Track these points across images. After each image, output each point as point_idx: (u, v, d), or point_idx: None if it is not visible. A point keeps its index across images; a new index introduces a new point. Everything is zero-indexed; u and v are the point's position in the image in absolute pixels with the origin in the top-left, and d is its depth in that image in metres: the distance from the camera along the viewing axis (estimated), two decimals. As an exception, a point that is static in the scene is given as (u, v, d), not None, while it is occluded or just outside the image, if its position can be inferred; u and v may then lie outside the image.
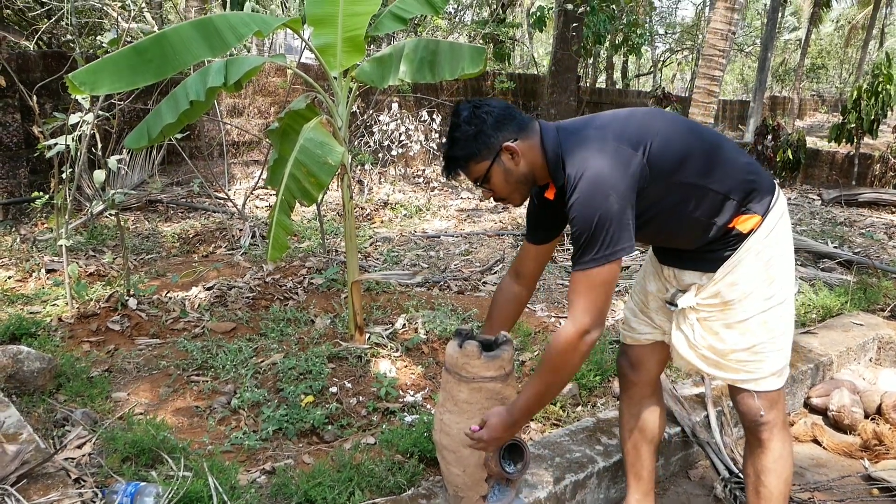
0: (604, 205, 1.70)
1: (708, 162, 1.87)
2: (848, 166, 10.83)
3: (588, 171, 1.73)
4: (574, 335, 1.75)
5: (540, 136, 1.89)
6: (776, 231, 1.93)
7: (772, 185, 1.96)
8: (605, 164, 1.73)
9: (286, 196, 2.98)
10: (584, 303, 1.75)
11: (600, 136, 1.81)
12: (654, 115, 1.92)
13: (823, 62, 31.70)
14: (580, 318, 1.75)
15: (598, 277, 1.74)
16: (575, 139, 1.84)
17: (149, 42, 2.70)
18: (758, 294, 1.92)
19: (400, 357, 3.64)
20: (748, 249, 1.90)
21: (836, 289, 4.70)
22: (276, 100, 9.21)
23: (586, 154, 1.77)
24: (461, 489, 2.10)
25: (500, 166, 1.87)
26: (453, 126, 1.87)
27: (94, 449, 2.54)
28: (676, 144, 1.84)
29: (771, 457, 2.02)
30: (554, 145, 1.86)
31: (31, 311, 4.08)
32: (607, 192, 1.70)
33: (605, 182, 1.71)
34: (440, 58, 3.42)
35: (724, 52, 7.53)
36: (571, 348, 1.76)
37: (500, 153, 1.85)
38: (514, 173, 1.88)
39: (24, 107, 6.50)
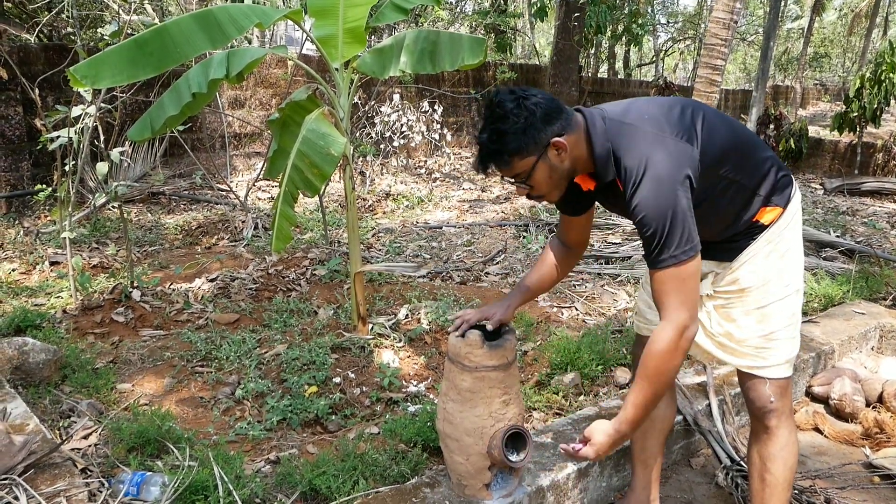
0: (674, 200, 1.66)
1: (742, 157, 1.86)
2: (850, 155, 10.81)
3: (653, 168, 1.68)
4: (675, 335, 1.70)
5: (585, 127, 1.80)
6: (794, 222, 1.96)
7: (790, 178, 1.97)
8: (669, 159, 1.69)
9: (289, 187, 2.99)
10: (677, 300, 1.71)
11: (656, 129, 1.75)
12: (695, 106, 1.86)
13: (826, 51, 31.52)
14: (677, 317, 1.70)
15: (685, 272, 1.70)
16: (627, 132, 1.76)
17: (149, 35, 2.70)
18: (776, 282, 1.94)
19: (403, 347, 3.65)
20: (768, 240, 1.92)
21: (838, 278, 4.70)
22: (277, 91, 9.20)
23: (646, 148, 1.71)
24: (464, 477, 2.12)
25: (545, 163, 1.76)
26: (497, 117, 1.73)
27: (99, 439, 2.56)
28: (718, 139, 1.81)
29: (778, 444, 2.04)
30: (603, 139, 1.77)
31: (35, 303, 4.10)
32: (675, 186, 1.67)
33: (673, 177, 1.67)
34: (440, 48, 3.41)
35: (726, 41, 7.51)
36: (673, 348, 1.70)
37: (548, 149, 1.75)
38: (558, 170, 1.79)
39: (26, 100, 6.50)
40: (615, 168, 1.76)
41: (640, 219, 1.70)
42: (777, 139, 11.05)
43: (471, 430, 2.05)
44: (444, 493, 2.17)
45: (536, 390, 3.14)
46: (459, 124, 11.99)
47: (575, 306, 4.36)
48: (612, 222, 6.46)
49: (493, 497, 2.13)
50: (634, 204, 1.70)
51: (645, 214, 1.68)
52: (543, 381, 3.23)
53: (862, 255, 5.52)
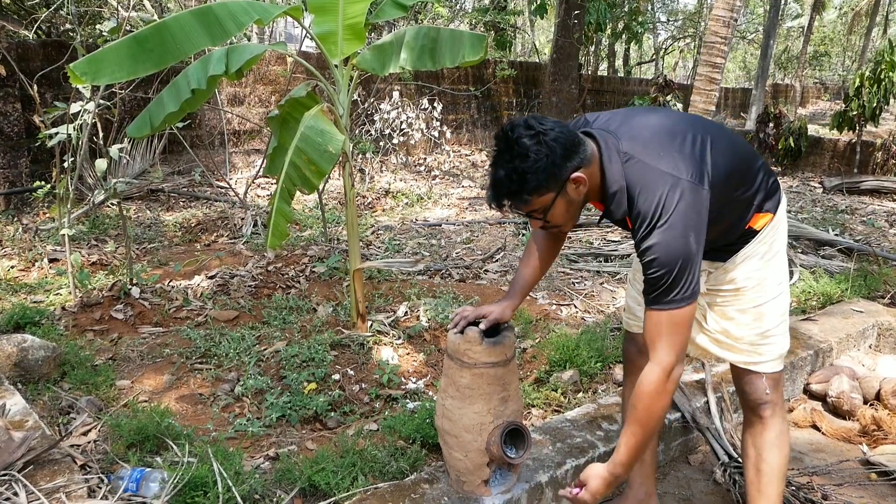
0: (686, 248, 1.67)
1: (742, 175, 1.88)
2: (850, 154, 10.81)
3: (669, 217, 1.66)
4: (662, 376, 1.74)
5: (599, 160, 1.76)
6: (782, 225, 1.99)
7: (778, 183, 2.00)
8: (685, 207, 1.67)
9: (286, 184, 2.99)
10: (669, 343, 1.74)
11: (672, 169, 1.71)
12: (703, 132, 1.82)
13: (826, 49, 31.53)
14: (666, 359, 1.73)
15: (681, 317, 1.72)
16: (643, 171, 1.73)
17: (149, 31, 2.70)
18: (769, 281, 1.98)
19: (402, 344, 3.66)
20: (761, 241, 1.95)
21: (836, 276, 4.71)
22: (276, 88, 9.20)
23: (662, 193, 1.68)
24: (463, 474, 2.12)
25: (564, 198, 1.73)
26: (516, 155, 1.66)
27: (99, 436, 2.57)
28: (724, 164, 1.80)
29: (773, 433, 2.07)
30: (618, 176, 1.74)
31: (34, 300, 4.10)
32: (689, 234, 1.67)
33: (687, 226, 1.67)
34: (441, 45, 3.41)
35: (726, 39, 7.51)
36: (661, 390, 1.74)
37: (567, 183, 1.70)
38: (575, 202, 1.76)
39: (24, 96, 6.50)
40: (628, 207, 1.74)
41: (648, 261, 1.70)
42: (776, 138, 11.06)
43: (470, 426, 2.05)
44: (443, 490, 2.17)
45: (535, 387, 3.15)
46: (459, 122, 11.99)
47: (574, 304, 4.37)
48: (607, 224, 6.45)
49: (491, 493, 2.14)
50: (646, 246, 1.69)
51: (655, 258, 1.68)
52: (542, 378, 3.24)
53: (860, 253, 5.52)
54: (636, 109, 1.93)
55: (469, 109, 12.31)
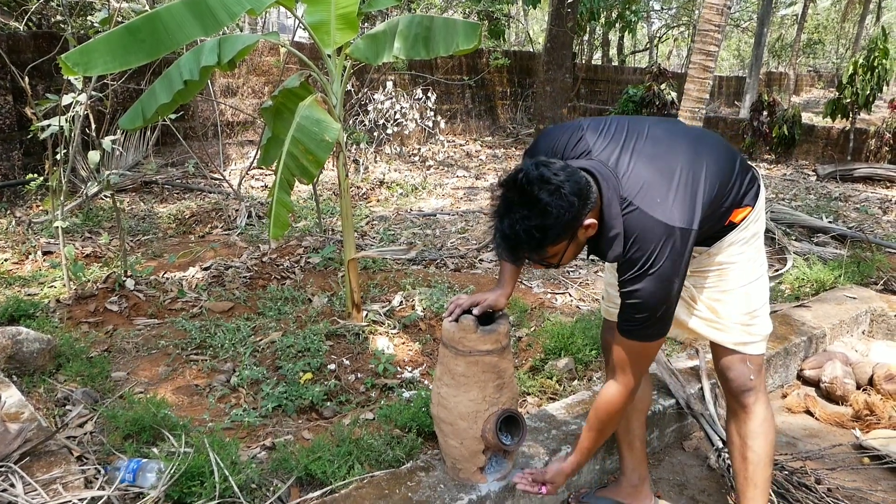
0: (669, 294, 1.75)
1: (727, 189, 1.90)
2: (843, 142, 10.83)
3: (659, 266, 1.71)
4: (625, 395, 1.92)
5: (600, 205, 1.75)
6: (761, 213, 2.02)
7: (755, 176, 2.01)
8: (675, 256, 1.71)
9: (285, 174, 2.98)
10: (635, 369, 1.89)
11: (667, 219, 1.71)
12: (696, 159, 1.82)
13: (820, 37, 31.48)
14: (632, 382, 1.90)
15: (651, 348, 1.87)
16: (640, 219, 1.73)
17: (141, 21, 2.68)
18: (752, 261, 2.01)
19: (397, 334, 3.66)
20: (741, 230, 1.97)
21: (829, 263, 4.73)
22: (270, 79, 9.15)
23: (656, 244, 1.71)
24: (459, 461, 2.13)
25: (574, 242, 1.75)
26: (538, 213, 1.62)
27: (95, 427, 2.57)
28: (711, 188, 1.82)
29: (756, 420, 2.08)
30: (618, 222, 1.74)
31: (28, 292, 4.09)
32: (673, 281, 1.74)
33: (673, 274, 1.73)
34: (434, 34, 3.40)
35: (719, 27, 7.49)
36: (621, 404, 1.93)
37: (578, 230, 1.71)
38: (581, 243, 1.79)
39: (15, 88, 6.46)
40: (621, 251, 1.76)
41: (632, 303, 1.77)
42: (770, 126, 11.07)
43: (465, 414, 2.06)
44: (439, 477, 2.18)
45: (531, 375, 3.16)
46: (453, 112, 11.96)
47: (569, 292, 4.38)
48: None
49: (487, 480, 2.15)
50: (632, 289, 1.75)
51: (640, 302, 1.75)
52: (538, 366, 3.25)
53: (854, 240, 5.55)
54: (633, 127, 1.89)
55: (463, 99, 12.28)
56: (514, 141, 12.39)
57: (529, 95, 13.70)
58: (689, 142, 1.89)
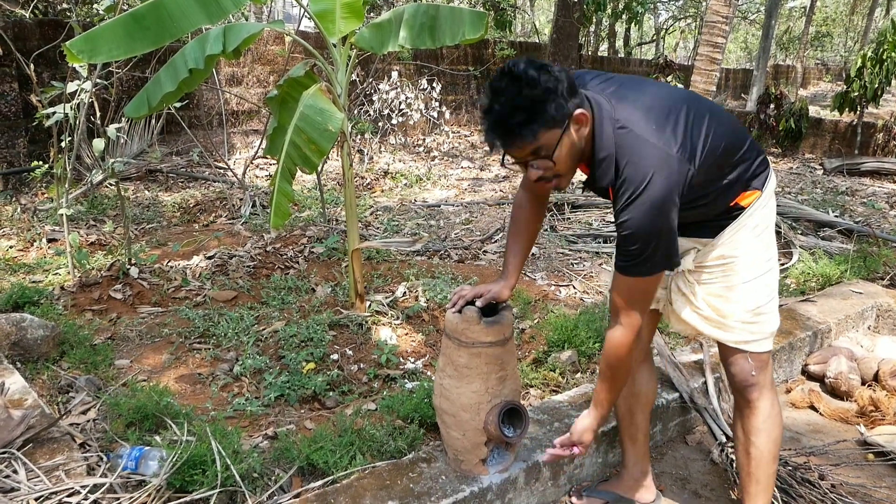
0: (664, 222, 1.70)
1: (732, 156, 1.86)
2: (851, 135, 10.76)
3: (651, 189, 1.66)
4: (629, 336, 1.86)
5: (592, 123, 1.73)
6: (770, 201, 1.97)
7: (766, 162, 1.98)
8: (669, 182, 1.68)
9: (287, 163, 2.97)
10: (636, 306, 1.84)
11: (663, 144, 1.70)
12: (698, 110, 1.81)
13: (828, 30, 31.27)
14: (634, 321, 1.85)
15: (649, 284, 1.82)
16: (633, 143, 1.70)
17: (145, 9, 2.67)
18: (758, 257, 1.96)
19: (400, 325, 3.66)
20: (749, 216, 1.93)
21: (835, 257, 4.71)
22: (274, 68, 9.13)
23: (650, 167, 1.67)
24: (461, 453, 2.13)
25: (568, 136, 1.67)
26: (525, 83, 1.60)
27: (98, 414, 2.58)
28: (717, 145, 1.79)
29: (760, 417, 2.05)
30: (609, 142, 1.72)
31: (33, 279, 4.10)
32: (669, 209, 1.69)
33: (668, 200, 1.68)
34: (440, 23, 3.37)
35: (727, 18, 7.45)
36: (628, 345, 1.87)
37: (570, 121, 1.66)
38: (577, 146, 1.71)
39: (21, 76, 6.45)
40: (614, 176, 1.73)
41: (627, 234, 1.72)
42: (777, 119, 11.00)
43: (467, 405, 2.06)
44: (441, 468, 2.18)
45: (534, 367, 3.16)
46: (458, 102, 11.91)
47: (573, 285, 4.37)
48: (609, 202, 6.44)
49: (489, 472, 2.15)
50: (626, 218, 1.70)
51: (633, 232, 1.70)
52: (541, 358, 3.25)
53: (860, 234, 5.52)
54: (634, 78, 1.90)
55: (468, 90, 12.23)
56: (520, 132, 12.34)
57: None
58: (696, 98, 1.89)
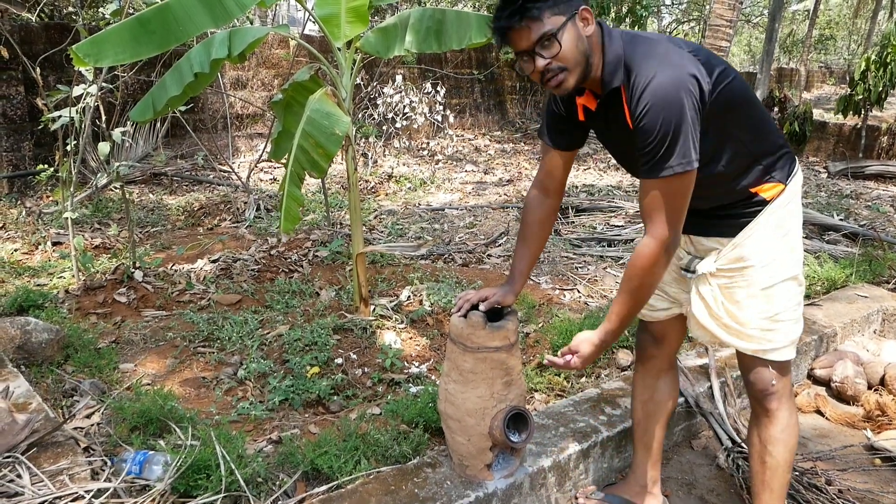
0: (683, 110, 1.65)
1: (752, 118, 1.84)
2: (855, 139, 10.74)
3: (664, 77, 1.65)
4: (658, 248, 1.76)
5: (600, 34, 1.77)
6: (794, 202, 1.93)
7: (793, 155, 1.96)
8: (681, 70, 1.67)
9: (296, 168, 2.96)
10: (664, 215, 1.74)
11: (674, 48, 1.73)
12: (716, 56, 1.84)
13: (832, 33, 31.23)
14: (661, 231, 1.75)
15: (678, 186, 1.72)
16: (642, 45, 1.75)
17: (151, 13, 2.68)
18: (779, 261, 1.92)
19: (405, 329, 3.65)
20: (770, 214, 1.90)
21: (841, 261, 4.69)
22: (279, 72, 9.15)
23: (658, 61, 1.69)
24: (466, 458, 2.12)
25: (574, 27, 1.71)
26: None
27: (102, 419, 2.57)
28: (731, 87, 1.78)
29: (779, 426, 2.03)
30: (616, 46, 1.75)
31: (37, 283, 4.10)
32: (685, 97, 1.65)
33: (684, 87, 1.65)
34: (447, 27, 3.37)
35: (731, 22, 7.44)
36: (656, 259, 1.77)
37: (577, 14, 1.71)
38: (583, 42, 1.73)
39: (27, 79, 6.48)
40: (625, 75, 1.73)
41: (643, 126, 1.68)
42: (781, 122, 10.98)
43: (472, 410, 2.05)
44: (446, 474, 2.17)
45: (538, 372, 3.15)
46: (462, 106, 11.92)
47: (577, 289, 4.36)
48: (614, 205, 6.44)
49: (494, 477, 2.14)
50: (641, 109, 1.67)
51: (649, 122, 1.66)
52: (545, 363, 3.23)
53: (865, 238, 5.50)
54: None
55: (472, 93, 12.24)
56: (523, 136, 12.35)
57: (539, 90, 13.64)
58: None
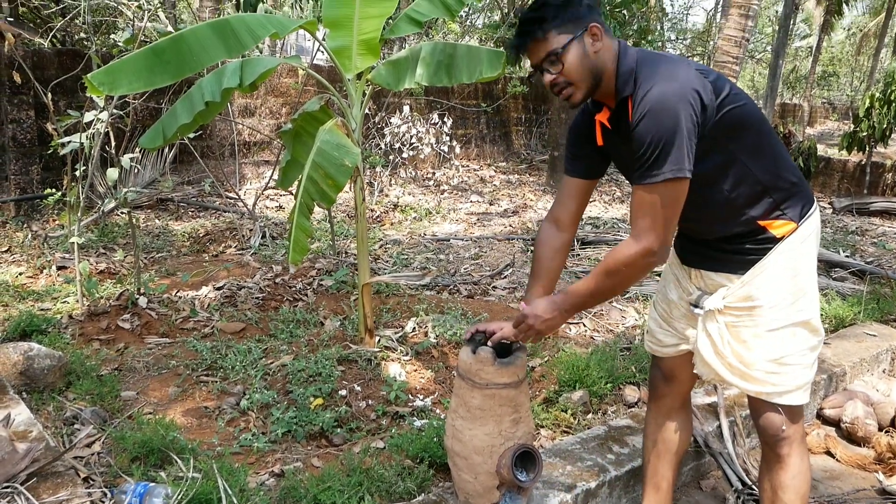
0: (678, 119, 1.66)
1: (762, 147, 1.84)
2: (859, 175, 10.77)
3: (665, 87, 1.69)
4: (638, 253, 1.76)
5: (618, 48, 1.84)
6: (808, 243, 1.91)
7: (811, 197, 1.94)
8: (684, 83, 1.70)
9: (305, 199, 2.96)
10: (651, 221, 1.74)
11: (684, 65, 1.78)
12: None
13: (835, 70, 31.57)
14: (645, 238, 1.75)
15: (667, 194, 1.71)
16: (654, 61, 1.80)
17: (167, 43, 2.70)
18: (788, 304, 1.89)
19: (410, 361, 3.62)
20: (780, 253, 1.87)
21: (848, 299, 4.66)
22: (287, 100, 9.22)
23: (664, 74, 1.73)
24: (472, 496, 2.09)
25: (580, 45, 1.79)
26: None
27: (103, 448, 2.54)
28: (747, 112, 1.81)
29: (789, 473, 1.99)
30: (631, 60, 1.81)
31: (41, 307, 4.09)
32: (683, 107, 1.67)
33: (683, 98, 1.68)
34: (458, 61, 3.40)
35: (737, 58, 7.50)
36: (632, 263, 1.77)
37: (585, 33, 1.79)
38: (590, 59, 1.80)
39: (37, 104, 6.53)
40: (633, 86, 1.77)
41: (639, 131, 1.70)
42: (786, 157, 11.02)
43: (480, 448, 2.02)
44: (452, 512, 2.14)
45: (544, 407, 3.11)
46: (468, 137, 11.99)
47: (583, 322, 4.33)
48: (619, 238, 6.43)
49: (500, 517, 2.10)
50: (640, 116, 1.70)
51: (645, 127, 1.69)
52: (551, 398, 3.20)
53: (873, 275, 5.47)
54: None
55: (478, 125, 12.32)
56: (528, 167, 12.40)
57: (544, 122, 13.73)
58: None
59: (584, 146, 2.03)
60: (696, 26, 27.38)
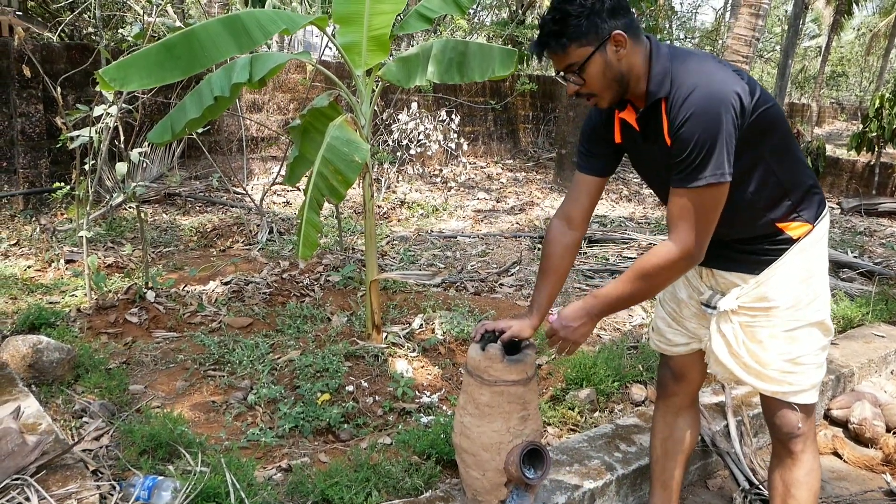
0: (721, 122, 1.65)
1: (786, 149, 1.84)
2: (868, 175, 10.71)
3: (707, 89, 1.67)
4: (678, 255, 1.74)
5: (650, 47, 1.79)
6: (820, 245, 1.91)
7: (823, 198, 1.94)
8: (726, 87, 1.67)
9: (315, 194, 2.96)
10: (691, 224, 1.72)
11: (720, 65, 1.75)
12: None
13: (844, 70, 31.39)
14: (686, 240, 1.73)
15: (709, 197, 1.70)
16: (688, 60, 1.76)
17: (177, 38, 2.71)
18: (805, 304, 1.89)
19: (417, 357, 3.63)
20: (796, 254, 1.87)
21: (856, 299, 4.64)
22: (295, 96, 9.23)
23: (703, 75, 1.70)
24: (480, 493, 2.09)
25: (602, 56, 1.73)
26: (561, 2, 1.72)
27: (111, 441, 2.55)
28: (775, 113, 1.79)
29: (803, 469, 1.99)
30: (665, 59, 1.76)
31: (50, 300, 4.11)
32: (725, 110, 1.65)
33: (725, 101, 1.66)
34: (469, 59, 3.39)
35: (747, 57, 7.46)
36: (671, 265, 1.76)
37: (607, 42, 1.72)
38: (613, 68, 1.75)
39: (46, 98, 6.55)
40: (669, 86, 1.74)
41: (681, 134, 1.68)
42: (795, 157, 10.97)
43: (488, 445, 2.02)
44: (459, 508, 2.14)
45: (551, 405, 3.11)
46: (476, 134, 11.99)
47: (590, 321, 4.31)
48: (627, 236, 6.42)
49: (508, 514, 2.10)
50: (681, 119, 1.68)
51: (688, 129, 1.66)
52: (558, 395, 3.20)
53: (882, 276, 5.45)
54: None
55: (486, 122, 12.31)
56: (535, 165, 12.38)
57: (552, 120, 13.71)
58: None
59: (599, 143, 2.00)
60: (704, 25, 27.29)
